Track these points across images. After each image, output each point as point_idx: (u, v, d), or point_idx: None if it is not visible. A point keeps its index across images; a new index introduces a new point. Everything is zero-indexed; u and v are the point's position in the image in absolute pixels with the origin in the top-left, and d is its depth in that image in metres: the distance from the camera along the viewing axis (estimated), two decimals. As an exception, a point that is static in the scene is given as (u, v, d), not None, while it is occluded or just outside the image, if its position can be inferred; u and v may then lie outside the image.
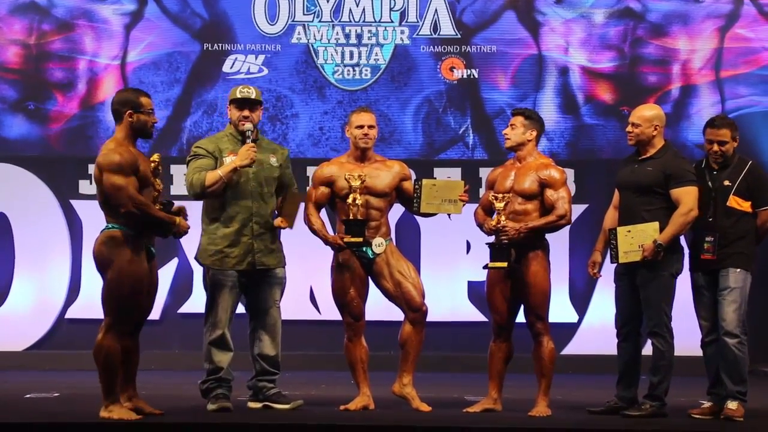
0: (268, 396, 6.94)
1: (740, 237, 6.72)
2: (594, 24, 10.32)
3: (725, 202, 6.73)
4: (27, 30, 10.24)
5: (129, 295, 6.18)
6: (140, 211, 6.16)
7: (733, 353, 6.64)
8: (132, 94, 6.40)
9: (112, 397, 6.21)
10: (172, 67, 10.29)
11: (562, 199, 6.77)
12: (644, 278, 6.72)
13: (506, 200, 6.76)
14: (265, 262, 6.90)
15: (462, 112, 10.33)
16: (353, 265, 6.92)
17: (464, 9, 10.34)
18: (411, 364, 6.94)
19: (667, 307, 6.75)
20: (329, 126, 10.31)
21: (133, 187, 6.16)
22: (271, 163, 6.97)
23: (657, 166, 6.77)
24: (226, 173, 6.75)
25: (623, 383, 6.86)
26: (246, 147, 6.79)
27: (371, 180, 6.90)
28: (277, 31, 10.30)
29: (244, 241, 6.85)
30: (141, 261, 6.22)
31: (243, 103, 6.92)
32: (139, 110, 6.30)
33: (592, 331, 9.80)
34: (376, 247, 6.89)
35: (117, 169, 6.16)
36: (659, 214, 6.71)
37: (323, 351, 9.81)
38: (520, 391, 7.25)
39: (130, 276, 6.17)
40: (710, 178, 6.78)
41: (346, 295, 6.94)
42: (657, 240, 6.63)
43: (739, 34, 10.27)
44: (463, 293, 9.95)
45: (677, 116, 10.22)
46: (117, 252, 6.18)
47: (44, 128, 10.22)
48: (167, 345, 9.75)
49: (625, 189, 6.87)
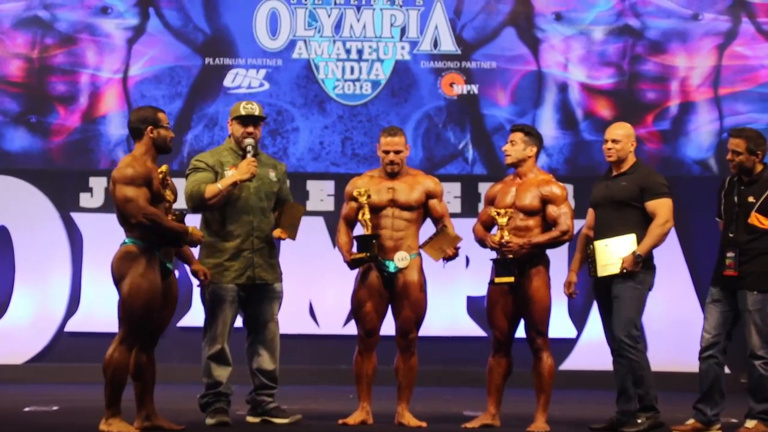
0: (267, 410, 6.95)
1: (761, 254, 6.71)
2: (593, 41, 10.36)
3: (747, 219, 6.76)
4: (30, 44, 10.28)
5: (140, 309, 6.19)
6: (151, 222, 6.18)
7: (759, 372, 6.67)
8: (150, 111, 6.44)
9: (113, 410, 6.22)
10: (174, 81, 10.33)
11: (565, 214, 6.81)
12: (617, 289, 6.77)
13: (509, 215, 6.79)
14: (264, 277, 6.92)
15: (462, 128, 10.36)
16: (373, 279, 6.91)
17: (464, 25, 10.38)
18: (404, 393, 6.94)
19: (637, 319, 6.79)
20: (329, 140, 10.35)
21: (144, 198, 6.19)
22: (270, 178, 7.00)
23: (631, 181, 6.85)
24: (226, 186, 6.77)
25: (622, 398, 6.88)
26: (246, 161, 6.81)
27: (398, 193, 6.92)
28: (278, 46, 10.34)
29: (245, 255, 6.87)
30: (154, 275, 6.23)
31: (247, 120, 6.95)
32: (159, 125, 6.36)
33: (591, 347, 9.80)
34: (398, 261, 6.89)
35: (128, 181, 6.20)
36: (636, 227, 6.78)
37: (322, 365, 9.83)
38: (518, 407, 7.26)
39: (142, 290, 6.18)
40: (737, 192, 6.81)
41: (362, 309, 6.93)
42: (636, 251, 6.69)
43: (738, 51, 10.31)
44: (462, 308, 9.97)
45: (675, 133, 10.25)
46: (131, 266, 6.20)
47: (46, 141, 10.25)
48: (166, 358, 9.74)
49: (600, 205, 6.94)
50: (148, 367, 6.40)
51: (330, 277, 9.50)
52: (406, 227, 6.93)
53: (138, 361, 6.35)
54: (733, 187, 6.83)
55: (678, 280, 7.06)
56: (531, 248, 6.76)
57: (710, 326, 6.80)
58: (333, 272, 7.86)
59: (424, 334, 8.74)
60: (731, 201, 6.80)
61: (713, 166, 10.23)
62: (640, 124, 10.02)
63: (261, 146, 10.01)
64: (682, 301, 9.20)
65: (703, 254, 8.37)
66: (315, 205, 9.91)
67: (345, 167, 10.12)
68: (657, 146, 10.15)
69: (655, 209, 6.78)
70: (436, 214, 7.00)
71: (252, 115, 6.94)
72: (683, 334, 7.62)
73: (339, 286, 7.12)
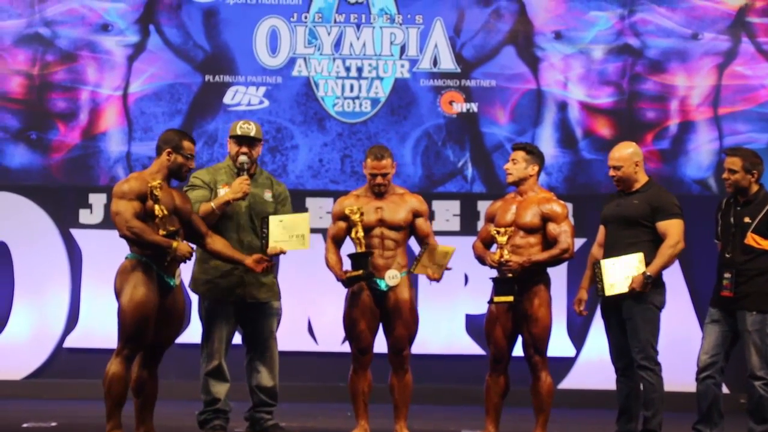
0: (266, 427, 6.95)
1: (758, 275, 6.70)
2: (593, 60, 10.38)
3: (743, 239, 6.76)
4: (30, 60, 10.30)
5: (133, 321, 6.19)
6: (134, 235, 6.21)
7: (758, 393, 6.66)
8: (177, 135, 6.47)
9: (113, 423, 6.23)
10: (174, 98, 10.34)
11: (565, 233, 6.80)
12: (630, 311, 6.75)
13: (509, 234, 6.78)
14: (256, 296, 6.91)
15: (461, 146, 10.37)
16: (365, 298, 6.91)
17: (464, 44, 10.40)
18: (400, 411, 6.93)
19: (653, 339, 6.76)
20: (329, 158, 10.35)
21: (133, 212, 6.21)
22: (265, 198, 6.99)
23: (643, 199, 6.82)
24: (219, 205, 6.78)
25: (623, 418, 6.86)
26: (239, 180, 6.81)
27: (386, 213, 6.92)
28: (278, 64, 10.36)
29: (236, 274, 6.86)
30: (149, 289, 6.23)
31: (242, 140, 6.96)
32: (179, 152, 6.38)
33: (590, 366, 9.80)
34: (389, 279, 6.88)
35: (120, 195, 6.25)
36: (645, 246, 6.75)
37: (321, 382, 9.82)
38: (517, 425, 7.25)
39: (135, 303, 6.19)
40: (733, 213, 6.81)
41: (355, 327, 6.93)
42: (646, 272, 6.67)
43: (738, 71, 10.33)
44: (461, 326, 9.95)
45: (675, 152, 10.26)
46: (126, 279, 6.24)
47: (46, 158, 10.26)
48: (165, 375, 9.71)
49: (611, 223, 6.91)
50: (149, 383, 6.40)
51: (329, 295, 9.47)
52: (395, 246, 6.95)
53: (140, 377, 6.35)
54: (730, 208, 6.83)
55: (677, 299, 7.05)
56: (531, 266, 6.75)
57: (708, 347, 6.79)
58: (332, 290, 7.84)
59: (423, 352, 8.79)
60: (727, 222, 6.80)
61: (713, 186, 10.24)
62: (639, 143, 9.95)
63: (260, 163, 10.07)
64: (682, 321, 9.20)
65: (702, 274, 8.37)
66: (314, 222, 9.79)
67: (344, 185, 10.12)
68: (656, 165, 10.15)
69: (666, 230, 6.75)
70: (422, 233, 7.00)
71: (247, 135, 6.94)
72: (682, 354, 7.60)
73: (338, 304, 7.11)
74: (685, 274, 9.70)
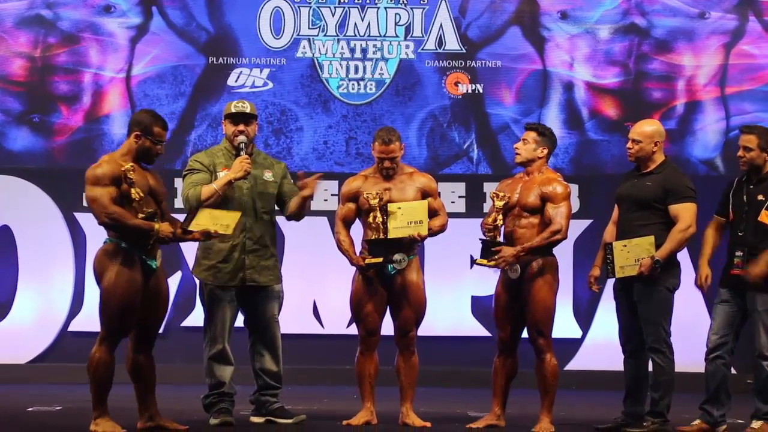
0: (271, 410, 6.93)
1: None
2: (599, 40, 10.32)
3: (757, 217, 6.70)
4: (32, 43, 10.26)
5: (116, 307, 6.18)
6: (113, 221, 6.17)
7: (766, 373, 6.63)
8: (148, 118, 6.39)
9: (100, 410, 6.22)
10: (177, 80, 10.30)
11: (560, 214, 6.74)
12: (641, 294, 6.71)
13: (506, 200, 6.76)
14: (257, 279, 6.88)
15: (466, 127, 10.32)
16: (373, 279, 6.87)
17: (469, 24, 10.34)
18: (406, 393, 6.91)
19: (665, 322, 6.73)
20: (333, 140, 10.31)
21: (109, 198, 6.16)
22: (265, 179, 6.95)
23: (657, 181, 6.76)
24: (221, 186, 6.74)
25: (630, 399, 6.84)
26: (239, 159, 6.77)
27: (395, 194, 6.88)
28: (282, 45, 10.31)
29: (236, 257, 6.83)
30: (131, 274, 6.20)
31: (238, 118, 6.92)
32: (147, 136, 6.31)
33: (596, 347, 9.78)
34: (396, 263, 6.86)
35: (95, 181, 6.19)
36: (657, 229, 6.71)
37: (326, 365, 9.80)
38: (524, 407, 7.23)
39: (118, 288, 6.17)
40: (746, 191, 6.76)
41: (363, 310, 6.90)
42: (655, 256, 6.62)
43: (745, 50, 10.27)
44: (467, 308, 9.93)
45: (682, 132, 10.21)
46: (108, 265, 6.22)
47: (49, 141, 10.23)
48: (170, 359, 9.73)
49: (624, 203, 6.87)
50: (146, 367, 6.38)
51: (334, 278, 9.46)
52: None
53: (135, 363, 6.33)
54: (742, 186, 6.78)
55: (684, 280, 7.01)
56: (526, 253, 6.71)
57: (718, 327, 6.76)
58: (337, 272, 7.82)
59: (429, 334, 8.75)
60: (740, 200, 6.75)
61: (720, 166, 10.19)
62: (645, 124, 9.97)
63: (265, 146, 10.05)
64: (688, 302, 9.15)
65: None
66: (319, 204, 9.84)
67: (349, 167, 10.08)
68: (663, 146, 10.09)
69: (678, 213, 6.69)
70: (431, 211, 6.95)
71: (242, 112, 6.90)
72: (689, 335, 7.56)
73: (343, 287, 7.08)
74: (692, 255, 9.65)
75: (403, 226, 6.77)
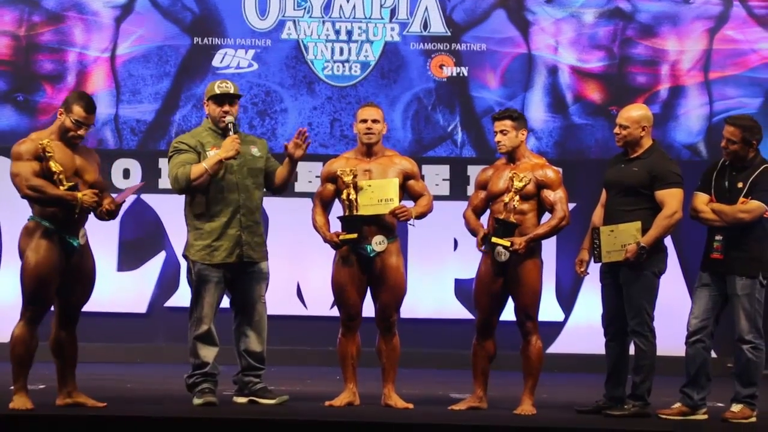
0: (254, 391, 6.94)
1: (751, 240, 6.68)
2: (583, 24, 10.33)
3: (736, 203, 6.73)
4: (17, 21, 10.22)
5: (32, 284, 6.27)
6: (35, 192, 6.24)
7: (746, 357, 6.65)
8: (74, 98, 6.44)
9: (18, 386, 6.39)
10: (162, 60, 10.27)
11: (561, 200, 6.80)
12: (627, 277, 6.74)
13: (526, 182, 6.74)
14: (252, 255, 6.90)
15: (451, 110, 10.33)
16: (353, 262, 6.89)
17: (454, 7, 10.34)
18: (388, 374, 6.94)
19: (649, 307, 6.76)
20: (318, 121, 10.31)
21: (31, 172, 6.23)
22: (253, 154, 6.98)
23: (643, 167, 6.78)
24: (212, 165, 6.75)
25: (611, 382, 6.87)
26: (230, 138, 6.79)
27: (375, 175, 6.89)
28: (267, 27, 10.29)
29: (232, 234, 6.85)
30: (49, 251, 6.26)
31: (222, 99, 6.92)
32: (68, 114, 6.38)
33: (578, 330, 9.82)
34: (376, 245, 6.86)
35: (16, 157, 6.31)
36: (643, 214, 6.72)
37: (309, 346, 9.82)
38: (505, 389, 7.26)
39: (33, 265, 6.26)
40: (728, 177, 6.78)
41: (343, 293, 6.92)
42: (640, 242, 6.65)
43: (728, 35, 10.29)
44: (450, 291, 9.95)
45: (665, 117, 10.24)
46: (26, 242, 6.32)
47: (33, 120, 10.19)
48: (153, 338, 9.73)
49: (611, 188, 6.89)
50: (68, 344, 6.49)
51: (318, 259, 9.43)
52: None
53: (58, 338, 6.44)
54: (725, 171, 6.80)
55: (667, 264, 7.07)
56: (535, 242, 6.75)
57: (699, 311, 6.79)
58: (321, 254, 7.82)
59: (412, 316, 8.78)
60: (721, 185, 6.77)
61: (703, 151, 10.23)
62: (629, 108, 9.99)
63: (249, 127, 10.03)
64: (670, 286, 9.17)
65: (691, 239, 8.34)
66: (303, 186, 9.87)
67: (333, 149, 10.08)
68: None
69: (664, 199, 6.70)
70: (415, 194, 6.98)
71: (227, 93, 6.90)
72: (670, 319, 7.60)
73: (326, 268, 7.09)
74: (674, 239, 9.70)
75: (373, 203, 6.79)
